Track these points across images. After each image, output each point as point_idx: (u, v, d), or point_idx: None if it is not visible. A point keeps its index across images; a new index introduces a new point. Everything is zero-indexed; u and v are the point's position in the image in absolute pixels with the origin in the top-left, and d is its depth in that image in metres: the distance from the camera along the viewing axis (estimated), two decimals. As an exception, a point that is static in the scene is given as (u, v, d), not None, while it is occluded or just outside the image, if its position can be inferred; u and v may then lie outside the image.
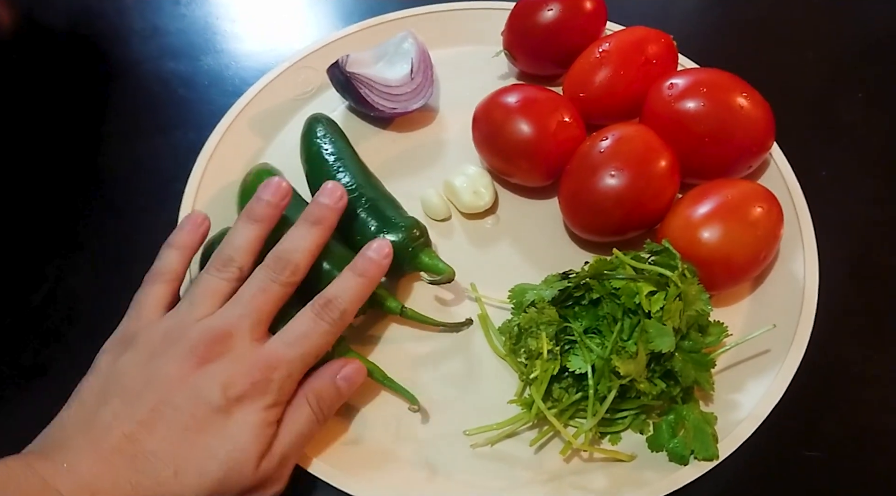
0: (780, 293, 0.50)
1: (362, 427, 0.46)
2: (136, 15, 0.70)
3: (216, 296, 0.43)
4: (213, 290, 0.43)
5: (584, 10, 0.59)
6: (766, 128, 0.52)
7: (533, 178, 0.55)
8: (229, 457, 0.38)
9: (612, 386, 0.43)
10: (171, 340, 0.40)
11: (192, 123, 0.62)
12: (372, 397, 0.47)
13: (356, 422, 0.46)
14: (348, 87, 0.59)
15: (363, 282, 0.44)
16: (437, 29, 0.65)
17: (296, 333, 0.42)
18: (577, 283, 0.46)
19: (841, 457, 0.47)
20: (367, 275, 0.45)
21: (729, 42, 0.71)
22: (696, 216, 0.48)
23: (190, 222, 0.47)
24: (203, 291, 0.43)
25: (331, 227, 0.46)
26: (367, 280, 0.44)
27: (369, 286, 0.45)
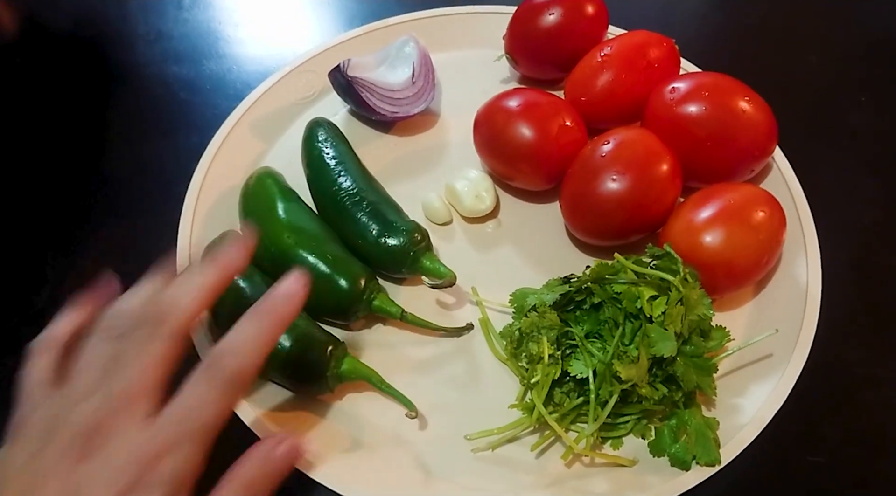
0: (783, 297, 0.50)
1: (362, 432, 0.46)
2: (139, 19, 0.71)
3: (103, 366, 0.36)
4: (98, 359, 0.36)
5: (585, 15, 0.59)
6: (768, 132, 0.52)
7: (534, 181, 0.55)
8: None
9: (613, 390, 0.43)
10: (51, 432, 0.34)
11: (195, 127, 0.62)
12: (371, 402, 0.47)
13: (356, 428, 0.46)
14: (350, 90, 0.59)
15: (265, 328, 0.37)
16: (438, 33, 0.65)
17: (183, 406, 0.35)
18: (578, 288, 0.46)
19: (844, 462, 0.46)
20: (269, 320, 0.37)
21: (731, 45, 0.71)
22: (698, 220, 0.48)
23: None
24: (88, 362, 0.36)
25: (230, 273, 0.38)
26: (270, 326, 0.37)
27: (272, 332, 0.37)
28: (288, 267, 0.47)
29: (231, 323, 0.37)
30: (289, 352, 0.44)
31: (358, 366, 0.46)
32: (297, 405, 0.47)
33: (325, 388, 0.46)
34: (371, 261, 0.50)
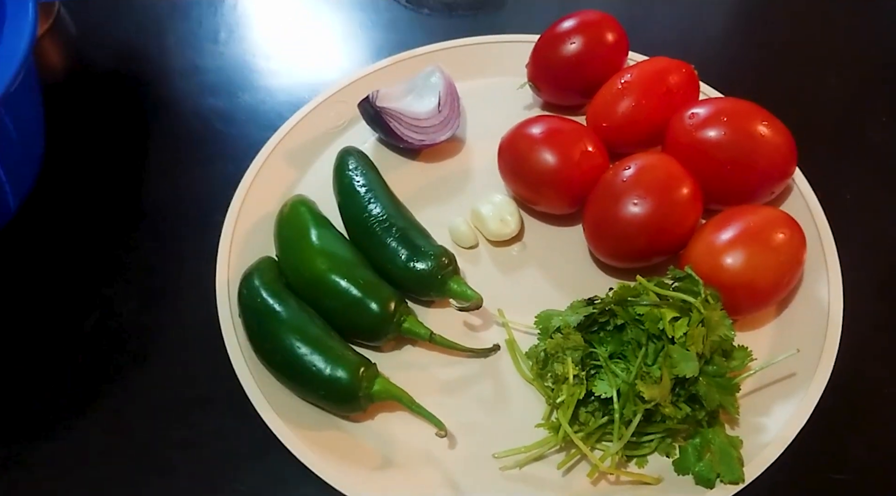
0: (805, 317, 0.51)
1: (393, 450, 0.48)
2: (177, 55, 0.74)
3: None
4: None
5: (606, 43, 0.61)
6: (787, 154, 0.53)
7: (558, 205, 0.57)
8: None
9: (637, 410, 0.44)
10: None
11: (231, 156, 0.65)
12: (402, 422, 0.49)
13: (387, 446, 0.48)
14: (378, 120, 0.61)
15: None
16: (463, 62, 0.67)
17: None
18: (601, 309, 0.47)
19: (869, 481, 0.47)
20: None
21: (750, 69, 0.72)
22: (719, 242, 0.49)
23: None
24: None
25: None
26: None
27: None
28: (321, 291, 0.50)
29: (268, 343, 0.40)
30: (322, 372, 0.46)
31: (389, 387, 0.47)
32: (331, 424, 0.48)
33: (357, 408, 0.47)
34: (400, 284, 0.52)
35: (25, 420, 0.51)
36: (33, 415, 0.51)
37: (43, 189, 0.62)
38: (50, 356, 0.54)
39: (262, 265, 0.52)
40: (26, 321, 0.56)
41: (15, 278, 0.58)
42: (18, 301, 0.57)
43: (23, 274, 0.59)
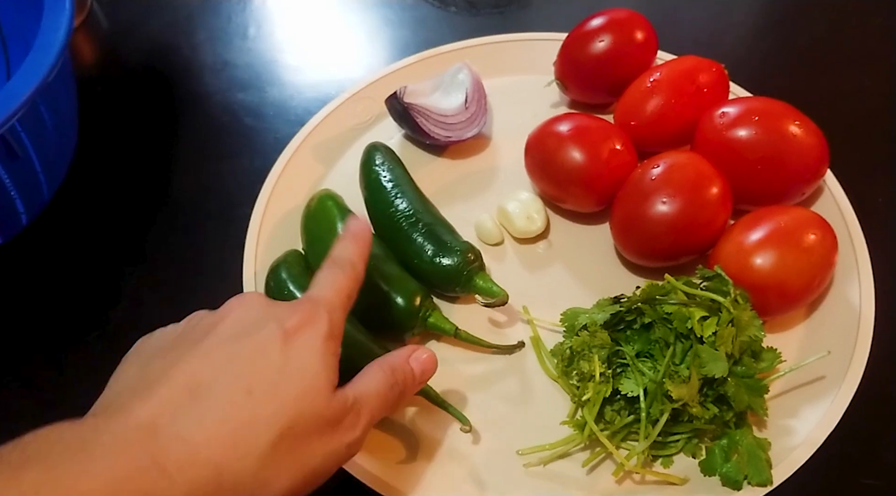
0: (836, 319, 0.50)
1: (417, 445, 0.48)
2: (207, 50, 0.75)
3: None
4: None
5: (635, 41, 0.61)
6: (819, 155, 0.52)
7: (585, 204, 0.57)
8: (301, 376, 0.34)
9: (664, 409, 0.44)
10: None
11: (258, 151, 0.65)
12: (427, 416, 0.49)
13: (412, 440, 0.48)
14: (405, 116, 0.61)
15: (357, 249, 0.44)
16: (490, 60, 0.67)
17: (318, 282, 0.41)
18: (628, 308, 0.47)
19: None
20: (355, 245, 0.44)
21: (781, 69, 0.71)
22: (749, 242, 0.48)
23: None
24: None
25: None
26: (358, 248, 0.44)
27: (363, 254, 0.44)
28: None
29: None
30: (348, 366, 0.46)
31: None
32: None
33: None
34: (426, 280, 0.52)
35: (52, 409, 0.52)
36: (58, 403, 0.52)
37: (75, 180, 0.63)
38: (76, 346, 0.55)
39: (290, 258, 0.53)
40: (54, 310, 0.57)
41: (45, 268, 0.60)
42: (47, 290, 0.58)
43: (52, 264, 0.60)
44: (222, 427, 0.32)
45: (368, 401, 0.38)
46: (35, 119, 0.53)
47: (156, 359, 0.36)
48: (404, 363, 0.42)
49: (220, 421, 0.32)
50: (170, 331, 0.39)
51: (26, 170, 0.55)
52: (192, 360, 0.34)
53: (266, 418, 0.33)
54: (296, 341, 0.36)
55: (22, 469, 0.28)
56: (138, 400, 0.32)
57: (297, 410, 0.34)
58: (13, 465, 0.28)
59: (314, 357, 0.36)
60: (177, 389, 0.33)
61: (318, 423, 0.35)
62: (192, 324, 0.38)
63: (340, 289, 0.41)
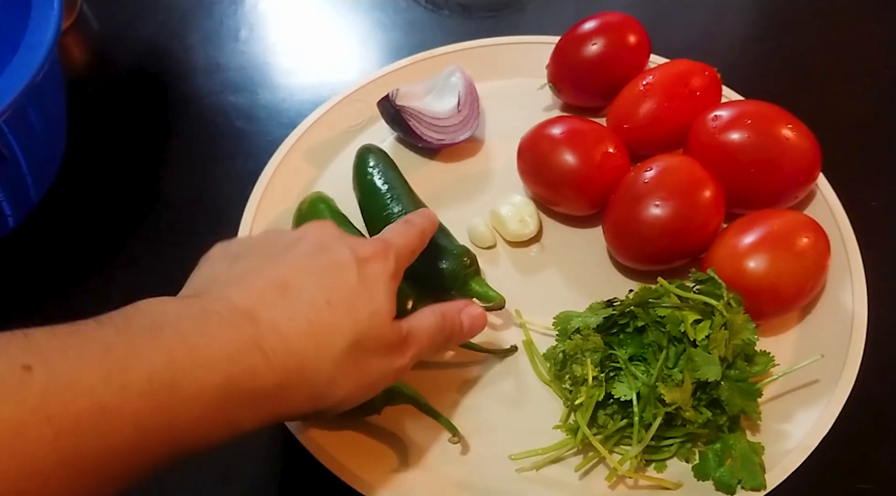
0: (829, 323, 0.50)
1: (408, 451, 0.47)
2: (200, 52, 0.74)
3: None
4: None
5: (627, 44, 0.61)
6: (811, 158, 0.52)
7: (578, 207, 0.56)
8: (371, 299, 0.38)
9: (657, 413, 0.44)
10: None
11: (250, 153, 0.65)
12: (418, 423, 0.48)
13: (402, 447, 0.47)
14: (398, 119, 0.61)
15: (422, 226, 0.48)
16: (483, 62, 0.67)
17: (389, 230, 0.46)
18: (621, 311, 0.47)
19: (894, 491, 0.46)
20: None
21: (774, 73, 0.71)
22: (742, 246, 0.48)
23: None
24: None
25: None
26: None
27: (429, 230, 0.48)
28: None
29: None
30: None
31: (404, 389, 0.47)
32: (347, 425, 0.48)
33: (372, 410, 0.47)
34: (421, 283, 0.51)
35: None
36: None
37: (64, 183, 0.63)
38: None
39: None
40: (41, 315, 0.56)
41: (32, 271, 0.59)
42: (35, 294, 0.58)
43: (40, 267, 0.59)
44: (308, 326, 0.36)
45: (419, 336, 0.42)
46: (22, 120, 0.52)
47: (243, 259, 0.39)
48: (456, 314, 0.45)
49: (306, 321, 0.36)
50: (249, 240, 0.42)
51: (13, 171, 0.54)
52: (280, 265, 0.38)
53: (343, 327, 0.37)
54: (367, 269, 0.39)
55: (158, 329, 0.32)
56: (234, 288, 0.36)
57: (367, 326, 0.37)
58: (147, 326, 0.32)
59: (382, 286, 0.39)
60: (268, 285, 0.36)
61: (380, 342, 0.39)
62: (272, 238, 0.41)
63: (408, 241, 0.45)
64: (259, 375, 0.33)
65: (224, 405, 0.32)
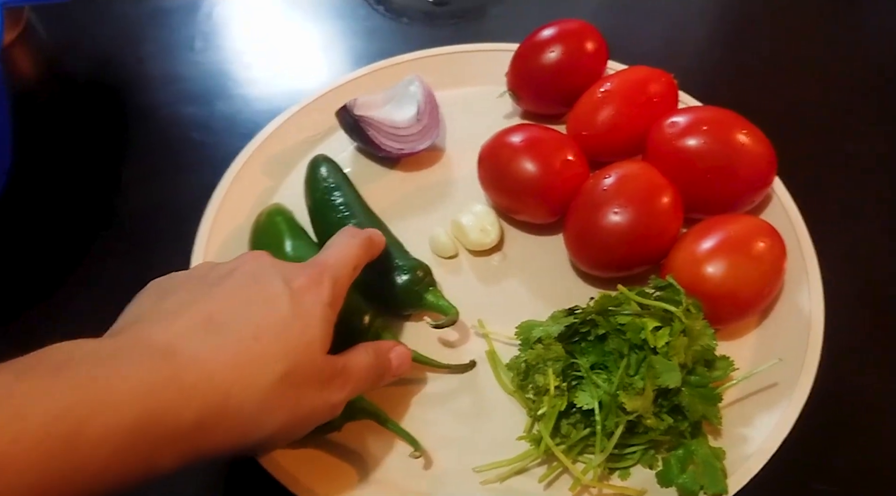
0: (787, 326, 0.50)
1: (370, 468, 0.46)
2: (154, 63, 0.73)
3: None
4: None
5: (585, 51, 0.61)
6: (766, 163, 0.53)
7: (539, 215, 0.56)
8: (303, 332, 0.37)
9: (619, 421, 0.43)
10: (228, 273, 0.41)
11: (207, 165, 0.63)
12: (379, 438, 0.47)
13: (364, 464, 0.47)
14: (357, 129, 0.60)
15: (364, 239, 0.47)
16: (443, 70, 0.67)
17: (331, 248, 0.45)
18: (583, 319, 0.47)
19: (853, 491, 0.46)
20: None
21: (731, 78, 0.72)
22: (701, 251, 0.48)
23: None
24: None
25: None
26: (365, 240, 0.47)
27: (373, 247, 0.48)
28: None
29: None
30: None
31: (364, 405, 0.46)
32: (307, 443, 0.47)
33: (332, 427, 0.46)
34: (376, 299, 0.51)
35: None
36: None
37: (11, 199, 0.60)
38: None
39: None
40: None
41: (-19, 291, 0.57)
42: (-15, 314, 0.56)
43: (-10, 286, 0.57)
44: (233, 359, 0.35)
45: (356, 372, 0.41)
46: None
47: (171, 295, 0.38)
48: (386, 352, 0.45)
49: (231, 354, 0.35)
50: (182, 275, 0.41)
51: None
52: (209, 300, 0.37)
53: (271, 360, 0.36)
54: (301, 300, 0.39)
55: (61, 371, 0.30)
56: (156, 325, 0.35)
57: (298, 359, 0.37)
58: (51, 368, 0.30)
59: (316, 318, 0.39)
60: (193, 320, 0.36)
61: (313, 375, 0.38)
62: (205, 271, 0.41)
63: (349, 258, 0.44)
64: (176, 412, 0.32)
65: (138, 447, 0.31)
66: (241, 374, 0.35)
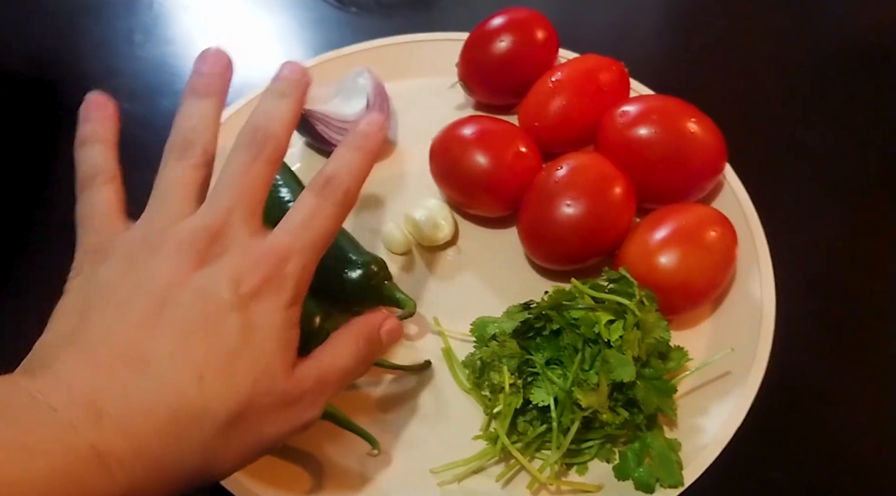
0: (739, 314, 0.51)
1: (325, 473, 0.45)
2: (91, 58, 0.70)
3: (188, 189, 0.36)
4: (181, 183, 0.36)
5: (535, 40, 0.60)
6: (717, 151, 0.53)
7: (492, 209, 0.56)
8: (257, 360, 0.32)
9: (574, 418, 0.43)
10: (154, 246, 0.33)
11: (149, 166, 0.60)
12: (333, 442, 0.46)
13: (318, 469, 0.46)
14: (305, 123, 0.58)
15: (362, 155, 0.39)
16: (393, 62, 0.65)
17: (299, 219, 0.36)
18: (537, 314, 0.46)
19: (807, 477, 0.47)
20: (364, 149, 0.39)
21: (683, 66, 0.72)
22: (653, 242, 0.48)
23: (92, 105, 0.40)
24: (170, 187, 0.36)
25: (301, 102, 0.41)
26: (366, 153, 0.39)
27: (368, 160, 0.39)
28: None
29: None
30: None
31: None
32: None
33: None
34: (329, 297, 0.49)
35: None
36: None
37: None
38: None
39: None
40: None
41: None
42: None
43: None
44: (170, 415, 0.30)
45: (332, 378, 0.36)
46: None
47: (97, 311, 0.32)
48: (375, 333, 0.40)
49: (167, 409, 0.30)
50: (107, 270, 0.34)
51: None
52: (140, 328, 0.31)
53: (217, 404, 0.31)
54: (252, 317, 0.33)
55: None
56: (80, 363, 0.30)
57: (252, 393, 0.32)
58: None
59: (271, 336, 0.33)
60: (122, 360, 0.30)
61: (274, 404, 0.33)
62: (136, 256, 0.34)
63: (320, 229, 0.36)
64: (97, 491, 0.27)
65: None
66: (179, 432, 0.30)
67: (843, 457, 0.48)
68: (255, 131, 0.37)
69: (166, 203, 0.36)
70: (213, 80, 0.40)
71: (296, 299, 0.35)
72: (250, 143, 0.37)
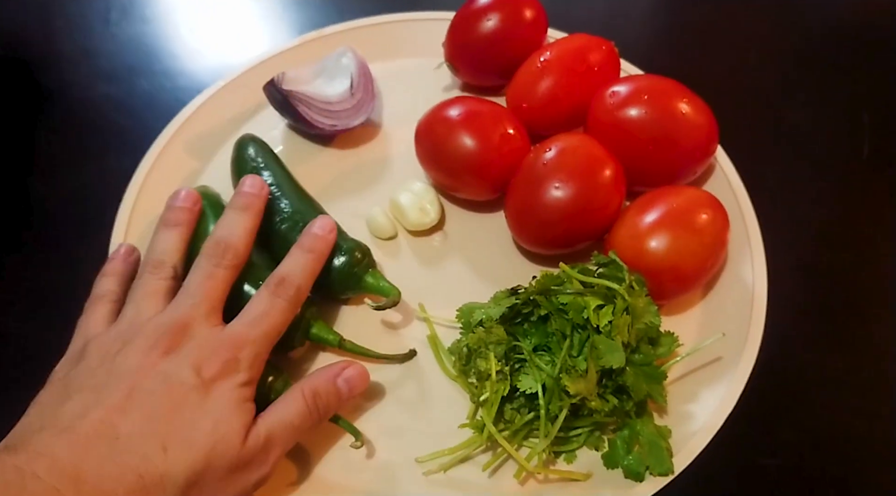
0: (731, 299, 0.50)
1: (309, 464, 0.44)
2: (65, 38, 0.68)
3: (158, 295, 0.43)
4: (153, 291, 0.43)
5: (523, 20, 0.58)
6: (708, 133, 0.52)
7: (479, 192, 0.54)
8: (215, 429, 0.37)
9: (563, 405, 0.42)
10: (127, 339, 0.40)
11: (127, 148, 0.59)
12: (319, 432, 0.45)
13: (303, 460, 0.45)
14: (286, 105, 0.57)
15: (312, 257, 0.46)
16: (377, 42, 0.64)
17: (255, 314, 0.42)
18: (525, 300, 0.45)
19: (798, 463, 0.46)
20: (315, 251, 0.46)
21: (672, 46, 0.71)
22: (643, 226, 0.47)
23: (120, 253, 0.48)
24: (143, 296, 0.43)
25: (259, 213, 0.47)
26: (316, 255, 0.46)
27: (318, 262, 0.46)
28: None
29: None
30: None
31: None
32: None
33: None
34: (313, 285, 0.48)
35: None
36: None
37: None
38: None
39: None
40: None
41: None
42: None
43: None
44: (137, 481, 0.34)
45: (281, 434, 0.40)
46: None
47: (75, 394, 0.37)
48: (330, 384, 0.43)
49: (136, 476, 0.35)
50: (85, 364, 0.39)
51: None
52: (110, 411, 0.36)
53: (177, 471, 0.36)
54: (211, 393, 0.38)
55: None
56: (61, 438, 0.35)
57: (207, 460, 0.36)
58: None
59: (229, 408, 0.38)
60: (98, 432, 0.35)
61: (227, 469, 0.37)
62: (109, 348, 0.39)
63: (272, 329, 0.42)
64: None
65: None
66: None
67: (834, 442, 0.47)
68: (218, 244, 0.44)
69: (139, 306, 0.42)
70: (182, 213, 0.47)
71: (250, 380, 0.40)
72: (213, 253, 0.44)
